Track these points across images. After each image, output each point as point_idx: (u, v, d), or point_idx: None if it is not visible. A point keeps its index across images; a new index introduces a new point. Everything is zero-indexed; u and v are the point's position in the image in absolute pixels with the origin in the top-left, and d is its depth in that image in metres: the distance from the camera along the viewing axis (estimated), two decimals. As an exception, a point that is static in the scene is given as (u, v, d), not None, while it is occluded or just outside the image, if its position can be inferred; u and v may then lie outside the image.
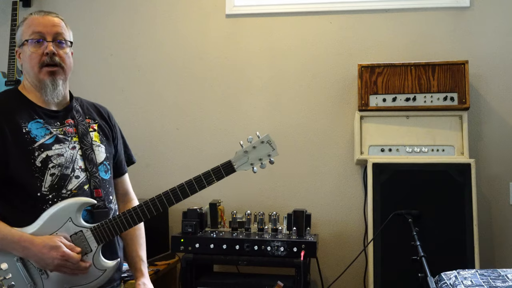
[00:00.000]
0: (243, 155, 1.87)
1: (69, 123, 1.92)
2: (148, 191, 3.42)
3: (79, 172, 1.86)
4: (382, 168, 2.86)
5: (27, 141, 1.79)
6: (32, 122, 1.83)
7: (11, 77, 3.39)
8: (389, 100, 2.97)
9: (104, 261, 1.82)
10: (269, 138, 1.90)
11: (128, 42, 3.49)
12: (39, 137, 1.82)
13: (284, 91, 3.35)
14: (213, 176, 1.84)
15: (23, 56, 1.88)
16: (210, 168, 1.84)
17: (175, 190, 1.84)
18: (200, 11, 3.46)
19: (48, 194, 1.78)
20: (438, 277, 2.17)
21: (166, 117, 3.46)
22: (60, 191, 1.80)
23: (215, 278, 2.93)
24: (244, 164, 1.87)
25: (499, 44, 3.15)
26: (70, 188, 1.82)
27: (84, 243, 1.78)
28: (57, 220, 1.77)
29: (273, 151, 1.90)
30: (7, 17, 3.50)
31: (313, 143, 3.30)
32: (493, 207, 3.11)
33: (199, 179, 1.84)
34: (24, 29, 1.88)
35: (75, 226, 1.78)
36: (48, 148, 1.82)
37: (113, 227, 1.82)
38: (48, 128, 1.86)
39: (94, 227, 1.80)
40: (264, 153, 1.88)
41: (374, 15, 3.28)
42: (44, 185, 1.78)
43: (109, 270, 1.83)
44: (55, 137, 1.85)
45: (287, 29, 3.36)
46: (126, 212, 1.84)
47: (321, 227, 3.24)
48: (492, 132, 3.14)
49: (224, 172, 1.85)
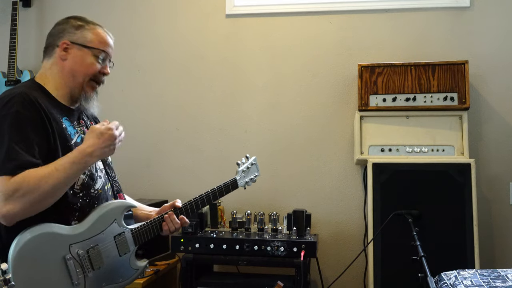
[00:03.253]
0: (241, 174, 2.15)
1: (82, 123, 1.95)
2: (148, 191, 3.45)
3: (100, 172, 1.92)
4: (382, 168, 2.86)
5: (66, 137, 1.80)
6: (64, 119, 1.84)
7: (11, 77, 3.39)
8: (389, 100, 2.97)
9: (138, 261, 1.94)
10: (256, 161, 2.21)
11: (128, 42, 3.50)
12: (72, 135, 1.84)
13: (284, 91, 3.35)
14: (224, 192, 2.11)
15: (74, 56, 1.85)
16: (222, 183, 2.11)
17: (197, 200, 2.05)
18: (200, 11, 3.46)
19: (79, 192, 1.81)
20: (438, 277, 2.17)
21: (166, 117, 3.46)
22: (89, 190, 1.84)
23: (215, 278, 2.93)
24: (242, 182, 2.16)
25: (499, 44, 3.15)
26: (97, 188, 1.87)
27: (125, 244, 1.89)
28: (105, 221, 1.85)
29: (257, 172, 2.21)
30: (7, 17, 3.50)
31: (313, 143, 3.30)
32: (493, 207, 3.11)
33: (214, 193, 2.08)
34: (92, 35, 1.87)
35: (118, 228, 1.88)
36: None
37: (149, 230, 1.95)
38: (74, 126, 1.88)
39: (134, 229, 1.92)
40: (253, 174, 2.19)
41: (374, 15, 3.28)
42: (77, 183, 1.80)
43: (141, 270, 1.94)
44: (81, 137, 1.87)
45: (287, 29, 3.36)
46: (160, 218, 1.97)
47: (321, 227, 3.24)
48: (492, 132, 3.14)
49: (231, 188, 2.12)
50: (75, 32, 1.87)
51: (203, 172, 3.37)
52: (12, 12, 3.45)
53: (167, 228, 1.97)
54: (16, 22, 3.42)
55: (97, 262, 1.81)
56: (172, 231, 1.99)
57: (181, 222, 1.98)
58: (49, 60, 1.89)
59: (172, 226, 1.97)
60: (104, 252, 1.83)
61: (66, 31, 1.88)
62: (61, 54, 1.85)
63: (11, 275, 1.33)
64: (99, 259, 1.82)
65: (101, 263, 1.82)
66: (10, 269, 1.61)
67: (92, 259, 1.80)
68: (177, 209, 2.00)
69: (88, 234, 1.80)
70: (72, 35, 1.87)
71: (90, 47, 1.87)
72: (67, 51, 1.85)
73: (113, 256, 1.86)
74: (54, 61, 1.87)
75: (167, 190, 3.36)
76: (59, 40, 1.87)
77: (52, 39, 1.89)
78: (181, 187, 3.36)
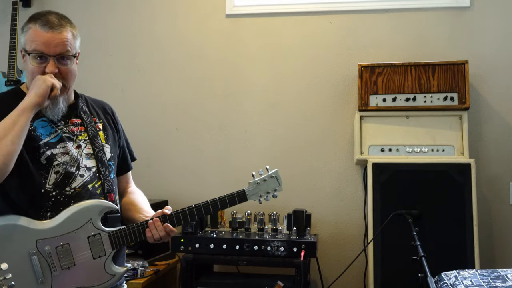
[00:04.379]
0: (255, 187, 1.95)
1: (74, 122, 1.92)
2: (148, 191, 3.42)
3: (84, 171, 1.87)
4: (382, 168, 2.86)
5: (32, 138, 1.79)
6: (37, 121, 1.84)
7: (11, 77, 3.39)
8: (389, 100, 2.97)
9: (115, 267, 1.84)
10: (277, 174, 1.99)
11: (128, 42, 3.49)
12: (44, 136, 1.83)
13: (284, 91, 3.35)
14: (228, 203, 1.93)
15: (25, 63, 1.84)
16: (226, 194, 1.92)
17: (192, 209, 1.90)
18: (200, 11, 3.46)
19: (52, 191, 1.79)
20: (438, 277, 2.17)
21: (166, 117, 3.46)
22: (64, 188, 1.81)
23: (215, 278, 2.93)
24: (254, 195, 1.95)
25: (499, 44, 3.15)
26: (74, 186, 1.83)
27: (99, 246, 1.80)
28: (78, 219, 1.79)
29: (279, 187, 1.99)
30: (7, 17, 3.50)
31: (313, 143, 3.30)
32: (493, 207, 3.11)
33: (215, 203, 1.91)
34: (27, 38, 1.80)
35: (94, 228, 1.80)
36: (53, 146, 1.83)
37: (130, 234, 1.85)
38: (53, 126, 1.86)
39: (112, 231, 1.83)
40: (272, 187, 1.98)
41: (374, 15, 3.28)
42: (48, 182, 1.79)
43: (117, 276, 1.84)
44: (60, 136, 1.86)
45: (287, 29, 3.36)
46: (144, 223, 1.87)
47: (321, 227, 3.24)
48: (492, 132, 3.13)
49: (237, 199, 1.93)
50: (21, 39, 1.86)
51: (203, 172, 3.37)
52: (12, 12, 3.45)
53: (150, 235, 1.84)
54: (16, 22, 3.42)
55: (66, 261, 1.75)
56: (157, 238, 1.85)
57: (165, 230, 1.85)
58: None
59: (156, 233, 1.84)
60: (76, 252, 1.77)
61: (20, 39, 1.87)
62: (22, 61, 1.86)
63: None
64: (69, 259, 1.76)
65: (70, 263, 1.76)
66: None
67: (60, 258, 1.74)
68: (165, 216, 1.87)
69: (58, 231, 1.75)
70: (21, 43, 1.85)
71: (27, 51, 1.82)
72: (23, 58, 1.85)
73: (85, 258, 1.78)
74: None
75: (167, 190, 3.36)
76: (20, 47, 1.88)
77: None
78: (181, 187, 3.37)
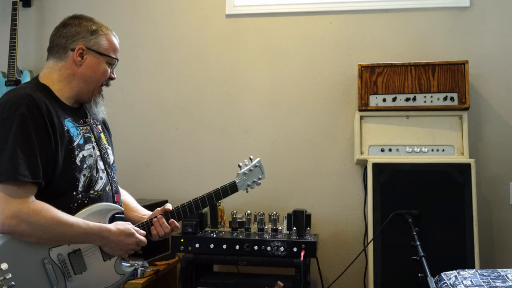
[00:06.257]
0: (243, 178, 2.09)
1: (88, 122, 1.92)
2: (148, 191, 3.45)
3: (102, 173, 1.87)
4: (382, 168, 2.86)
5: (68, 139, 1.77)
6: (66, 120, 1.80)
7: (11, 77, 3.39)
8: (389, 100, 2.97)
9: (124, 266, 1.87)
10: (260, 163, 2.14)
11: (128, 42, 3.49)
12: (75, 136, 1.81)
13: (284, 91, 3.35)
14: (222, 195, 2.05)
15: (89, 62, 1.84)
16: (220, 187, 2.04)
17: (191, 204, 2.00)
18: (200, 11, 3.45)
19: (79, 193, 1.78)
20: (438, 277, 2.17)
21: (166, 117, 3.46)
22: (89, 191, 1.80)
23: (215, 278, 2.93)
24: (243, 185, 2.09)
25: (499, 44, 3.15)
26: (97, 189, 1.83)
27: None
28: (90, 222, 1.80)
29: (262, 175, 2.14)
30: (7, 17, 3.50)
31: (313, 143, 3.30)
32: (493, 207, 3.11)
33: (210, 197, 2.03)
34: (106, 42, 1.88)
35: None
36: (82, 148, 1.81)
37: None
38: (77, 127, 1.84)
39: None
40: (257, 176, 2.12)
41: (374, 15, 3.28)
42: (79, 185, 1.78)
43: (127, 275, 1.88)
44: (83, 137, 1.84)
45: (287, 29, 3.36)
46: (149, 221, 1.93)
47: (321, 227, 3.24)
48: (492, 132, 3.13)
49: (230, 191, 2.06)
50: (90, 37, 1.85)
51: (203, 172, 3.37)
52: (12, 12, 3.45)
53: (155, 233, 1.92)
54: (16, 22, 3.42)
55: (79, 267, 1.75)
56: (161, 235, 1.93)
57: (171, 226, 1.94)
58: (58, 62, 1.85)
59: (161, 230, 1.92)
60: (87, 256, 1.77)
61: (81, 35, 1.85)
62: (77, 59, 1.83)
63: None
64: (81, 264, 1.76)
65: (83, 268, 1.76)
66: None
67: (73, 264, 1.74)
68: (167, 213, 1.95)
69: None
70: (87, 40, 1.84)
71: (105, 55, 1.87)
72: (82, 56, 1.83)
73: (96, 261, 1.79)
74: (66, 65, 1.84)
75: (167, 190, 3.36)
76: (73, 43, 1.84)
77: (64, 40, 1.84)
78: (181, 187, 3.37)
